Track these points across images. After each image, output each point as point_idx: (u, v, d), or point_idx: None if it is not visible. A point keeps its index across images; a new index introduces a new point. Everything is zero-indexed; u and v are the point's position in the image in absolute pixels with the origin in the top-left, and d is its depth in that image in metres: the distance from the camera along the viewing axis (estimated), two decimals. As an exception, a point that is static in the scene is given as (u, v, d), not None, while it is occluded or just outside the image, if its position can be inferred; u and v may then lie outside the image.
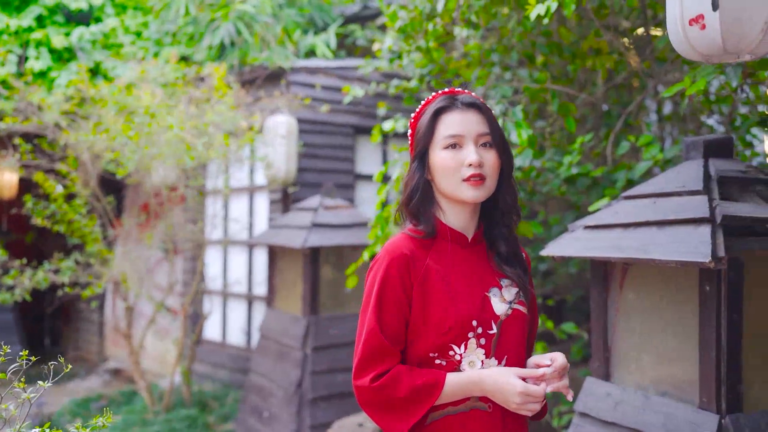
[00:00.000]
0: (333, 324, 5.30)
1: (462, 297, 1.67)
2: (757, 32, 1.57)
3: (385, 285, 1.66)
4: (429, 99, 1.78)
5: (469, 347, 1.65)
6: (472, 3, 3.86)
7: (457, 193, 1.69)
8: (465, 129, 1.68)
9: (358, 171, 6.77)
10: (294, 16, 7.09)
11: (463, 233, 1.76)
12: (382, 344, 1.64)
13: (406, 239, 1.73)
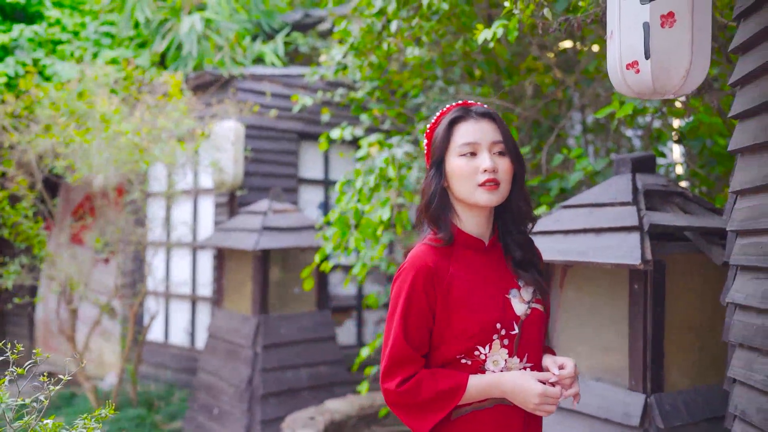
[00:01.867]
0: (282, 323, 5.52)
1: (485, 302, 1.74)
2: (680, 78, 1.91)
3: (411, 297, 1.72)
4: (444, 111, 1.85)
5: (494, 348, 1.72)
6: (423, 24, 4.16)
7: (473, 198, 1.75)
8: (479, 137, 1.75)
9: (301, 175, 6.99)
10: (244, 23, 7.25)
11: (480, 239, 1.82)
12: (407, 352, 1.71)
13: (429, 250, 1.77)
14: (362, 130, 5.42)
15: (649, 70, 1.91)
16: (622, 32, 1.96)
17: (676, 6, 1.88)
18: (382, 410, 5.11)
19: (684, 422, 2.56)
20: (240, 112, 6.03)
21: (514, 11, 2.88)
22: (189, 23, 6.58)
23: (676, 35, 1.89)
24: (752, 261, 2.07)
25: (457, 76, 4.97)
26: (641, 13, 1.91)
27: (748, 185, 2.11)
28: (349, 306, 7.18)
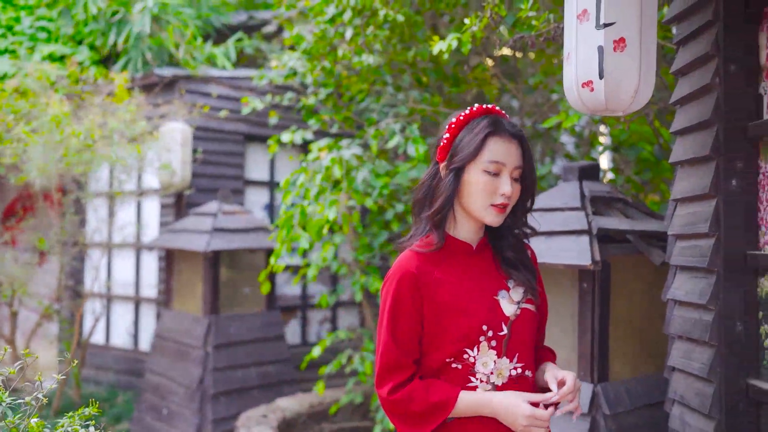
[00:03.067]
0: (232, 323, 5.58)
1: (471, 306, 1.74)
2: (629, 97, 2.12)
3: (397, 303, 1.74)
4: (469, 113, 1.79)
5: (482, 350, 1.72)
6: (378, 33, 4.31)
7: (481, 215, 1.75)
8: (507, 159, 1.73)
9: (247, 177, 7.05)
10: (194, 19, 7.24)
11: (469, 243, 1.83)
12: (396, 358, 1.73)
13: (413, 256, 1.78)
14: (311, 134, 5.54)
15: (603, 89, 2.10)
16: (578, 54, 2.16)
17: (626, 32, 2.08)
18: (332, 407, 5.25)
19: (627, 408, 2.80)
20: (189, 113, 6.05)
21: (473, 28, 3.06)
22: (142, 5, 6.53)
23: (627, 58, 2.09)
24: (690, 262, 2.31)
25: (407, 83, 5.15)
26: (596, 38, 2.10)
27: (687, 194, 2.35)
28: (294, 306, 7.27)
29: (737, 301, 2.15)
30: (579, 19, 2.10)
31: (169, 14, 6.81)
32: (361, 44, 4.43)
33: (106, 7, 6.87)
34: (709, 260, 2.18)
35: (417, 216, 1.84)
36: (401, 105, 4.84)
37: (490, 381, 1.74)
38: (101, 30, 7.04)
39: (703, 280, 2.26)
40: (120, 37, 6.95)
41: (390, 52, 4.91)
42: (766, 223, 2.11)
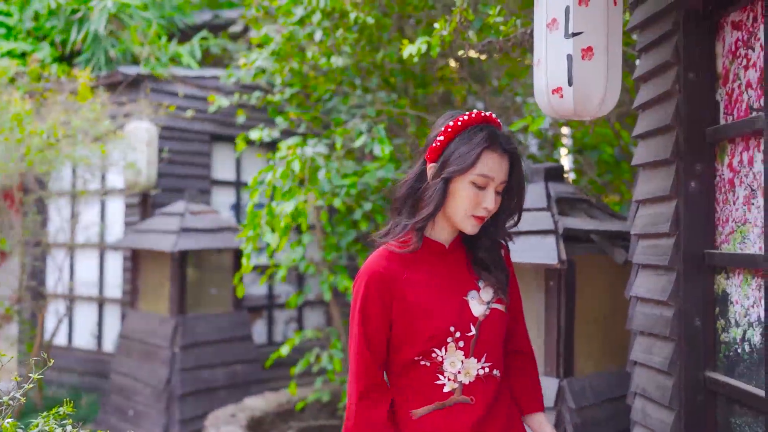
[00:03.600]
0: (199, 323, 5.58)
1: (440, 306, 1.75)
2: (597, 103, 2.22)
3: (366, 303, 1.74)
4: (468, 119, 1.76)
5: (449, 350, 1.73)
6: (347, 35, 4.36)
7: (460, 223, 1.76)
8: (496, 175, 1.73)
9: (214, 177, 7.03)
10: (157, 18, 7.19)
11: (443, 243, 1.83)
12: (368, 365, 1.75)
13: (385, 255, 1.78)
14: (278, 133, 5.56)
15: (572, 96, 2.19)
16: (548, 61, 2.24)
17: (594, 41, 2.17)
18: (299, 404, 5.28)
19: (591, 402, 2.91)
20: (156, 112, 6.02)
21: (443, 32, 3.14)
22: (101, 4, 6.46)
23: (594, 66, 2.18)
24: (652, 260, 2.42)
25: (374, 85, 5.21)
26: (565, 46, 2.19)
27: (649, 196, 2.46)
28: (261, 306, 7.28)
29: (696, 298, 2.25)
30: (549, 28, 2.18)
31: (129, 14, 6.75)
32: (330, 46, 4.48)
33: (66, 4, 6.78)
34: (670, 259, 2.28)
35: (396, 212, 1.83)
36: (369, 106, 4.90)
37: (458, 380, 1.75)
38: (61, 28, 6.95)
39: (663, 277, 2.36)
40: (79, 34, 6.87)
41: (358, 54, 4.97)
42: (722, 224, 2.22)
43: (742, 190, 2.12)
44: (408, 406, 1.77)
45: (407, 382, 1.78)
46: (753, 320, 2.04)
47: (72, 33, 6.87)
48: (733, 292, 2.15)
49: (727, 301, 2.18)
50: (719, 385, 2.16)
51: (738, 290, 2.13)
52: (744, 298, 2.09)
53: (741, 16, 2.13)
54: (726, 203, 2.21)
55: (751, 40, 2.08)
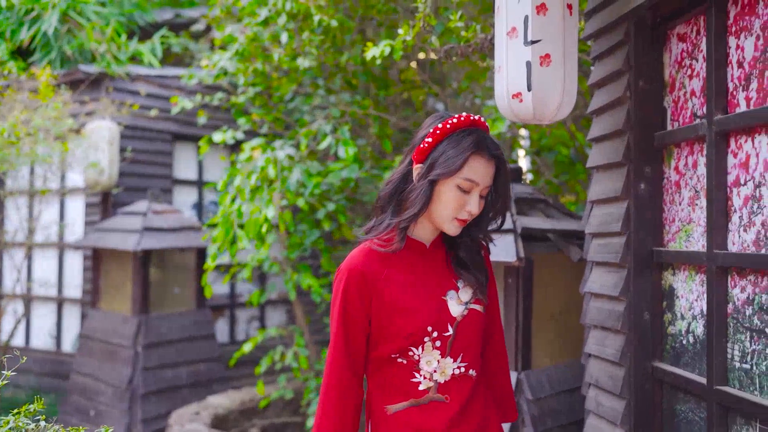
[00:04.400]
0: (162, 322, 5.58)
1: (418, 305, 1.76)
2: (554, 108, 2.34)
3: (345, 299, 1.76)
4: (457, 122, 1.76)
5: (426, 349, 1.75)
6: (313, 38, 4.44)
7: (443, 225, 1.77)
8: (482, 179, 1.73)
9: (176, 176, 7.02)
10: (116, 16, 7.14)
11: (423, 242, 1.84)
12: (342, 368, 1.77)
13: (366, 252, 1.79)
14: (242, 134, 5.60)
15: (531, 101, 2.30)
16: (508, 68, 2.35)
17: (551, 49, 2.29)
18: (262, 402, 5.33)
19: (547, 393, 3.04)
20: (118, 111, 6.00)
21: (406, 37, 3.24)
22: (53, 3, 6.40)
23: (552, 73, 2.30)
24: (605, 258, 2.55)
25: (337, 86, 5.29)
26: (524, 53, 2.30)
27: (602, 196, 2.59)
28: (223, 305, 7.29)
29: (645, 293, 2.39)
30: (509, 36, 2.29)
31: (79, 12, 6.69)
32: (295, 48, 4.54)
33: (20, 3, 6.70)
34: (621, 256, 2.42)
35: (380, 210, 1.83)
36: (332, 107, 4.98)
37: (433, 378, 1.76)
38: (14, 27, 6.86)
39: (615, 274, 2.50)
40: (29, 32, 6.78)
41: (322, 56, 5.05)
42: (669, 223, 2.37)
43: (687, 192, 2.26)
44: (383, 401, 1.80)
45: (383, 378, 1.80)
46: (696, 313, 2.18)
47: (22, 31, 6.78)
48: (679, 287, 2.29)
49: (674, 296, 2.32)
50: (666, 374, 2.30)
51: (683, 285, 2.27)
52: (689, 293, 2.23)
53: (686, 28, 2.27)
54: (672, 204, 2.35)
55: (694, 51, 2.22)
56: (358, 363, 1.80)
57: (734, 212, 2.00)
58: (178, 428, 4.59)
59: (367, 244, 1.81)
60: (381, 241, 1.80)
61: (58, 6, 6.52)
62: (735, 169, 2.00)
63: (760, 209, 1.89)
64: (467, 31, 3.19)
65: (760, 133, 1.89)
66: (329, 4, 4.27)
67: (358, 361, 1.80)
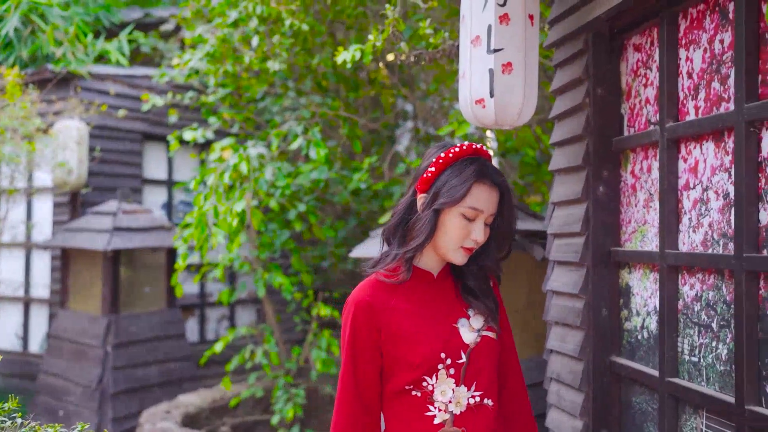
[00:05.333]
0: (132, 322, 5.60)
1: (429, 333, 1.73)
2: (515, 114, 2.44)
3: (354, 332, 1.74)
4: (459, 151, 1.77)
5: (440, 378, 1.70)
6: (284, 41, 4.50)
7: (449, 254, 1.76)
8: (486, 207, 1.74)
9: (145, 176, 7.02)
10: (82, 15, 7.10)
11: (431, 271, 1.83)
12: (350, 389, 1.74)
13: (373, 284, 1.78)
14: (212, 133, 5.63)
15: (493, 106, 2.40)
16: (472, 75, 2.45)
17: (513, 57, 2.39)
18: (233, 400, 5.38)
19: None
20: (87, 111, 5.99)
21: (376, 43, 3.32)
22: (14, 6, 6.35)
23: (513, 80, 2.40)
24: (566, 257, 2.67)
25: (308, 88, 5.36)
26: (487, 61, 2.40)
27: (563, 198, 2.70)
28: (193, 304, 7.30)
29: (603, 291, 2.51)
30: (473, 44, 2.39)
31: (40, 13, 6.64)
32: (266, 51, 4.60)
33: None
34: (581, 256, 2.53)
35: (386, 242, 1.84)
36: (303, 108, 5.05)
37: (449, 410, 1.71)
38: None
39: (575, 273, 2.61)
40: None
41: (293, 58, 5.11)
42: (626, 224, 2.48)
43: (642, 195, 2.38)
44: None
45: (397, 414, 1.76)
46: (650, 310, 2.30)
47: None
48: (635, 285, 2.41)
49: (630, 293, 2.44)
50: (623, 368, 2.42)
51: (639, 283, 2.39)
52: (643, 290, 2.35)
53: (641, 39, 2.39)
54: (629, 206, 2.47)
55: (649, 61, 2.34)
56: (368, 397, 1.76)
57: (684, 214, 2.12)
58: (149, 427, 4.62)
59: (374, 276, 1.80)
60: (388, 272, 1.79)
61: (19, 7, 6.46)
62: (685, 173, 2.12)
63: (707, 212, 2.01)
64: (435, 37, 3.28)
65: (708, 140, 2.01)
66: (300, 8, 4.33)
67: (368, 395, 1.76)
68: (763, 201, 1.77)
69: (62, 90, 6.41)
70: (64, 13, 6.80)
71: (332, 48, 4.90)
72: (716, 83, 1.98)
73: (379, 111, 5.91)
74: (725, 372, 1.91)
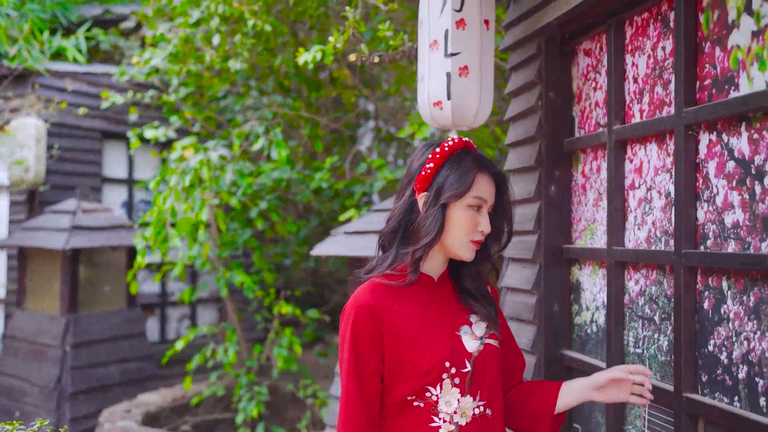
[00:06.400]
0: (92, 321, 5.56)
1: (433, 340, 1.67)
2: (471, 116, 2.52)
3: (355, 339, 1.66)
4: (453, 145, 1.76)
5: (445, 387, 1.65)
6: (245, 41, 4.52)
7: (460, 250, 1.73)
8: (489, 197, 1.73)
9: (105, 174, 6.96)
10: (38, 12, 7.00)
11: (431, 276, 1.78)
12: (358, 419, 1.66)
13: (373, 288, 1.71)
14: (173, 132, 5.63)
15: (450, 108, 2.48)
16: (430, 78, 2.52)
17: (469, 61, 2.47)
18: (194, 399, 5.38)
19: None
20: (45, 109, 5.92)
21: (338, 45, 3.38)
22: None
23: (470, 83, 2.48)
24: (520, 254, 2.76)
25: (270, 87, 5.39)
26: (445, 65, 2.47)
27: (517, 197, 2.79)
28: (153, 303, 7.26)
29: (555, 287, 2.60)
30: (431, 48, 2.46)
31: None
32: (227, 50, 4.62)
33: None
34: (534, 253, 2.62)
35: (386, 247, 1.78)
36: (264, 108, 5.08)
37: (454, 421, 1.65)
38: None
39: (529, 270, 2.70)
40: None
41: (255, 58, 5.13)
42: (576, 222, 2.58)
43: (591, 194, 2.48)
44: None
45: (398, 427, 1.68)
46: (599, 304, 2.40)
47: None
48: (585, 281, 2.51)
49: (580, 289, 2.54)
50: (573, 360, 2.51)
51: (588, 279, 2.49)
52: (593, 286, 2.45)
53: (591, 45, 2.49)
54: (579, 205, 2.57)
55: (598, 66, 2.44)
56: (373, 408, 1.68)
57: (630, 213, 2.22)
58: (108, 426, 4.60)
59: (373, 280, 1.73)
60: (392, 275, 1.73)
61: None
62: (631, 173, 2.22)
63: (650, 210, 2.11)
64: (395, 39, 3.35)
65: (651, 141, 2.11)
66: (262, 8, 4.37)
67: (373, 406, 1.68)
68: (701, 200, 1.87)
69: (19, 87, 6.33)
70: (18, 10, 6.69)
71: (294, 48, 4.94)
72: (659, 88, 2.08)
73: (341, 111, 5.97)
74: (666, 362, 2.01)
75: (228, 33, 4.68)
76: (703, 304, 1.86)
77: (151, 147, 7.06)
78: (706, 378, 1.82)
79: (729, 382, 1.74)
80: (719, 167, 1.81)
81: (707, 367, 1.82)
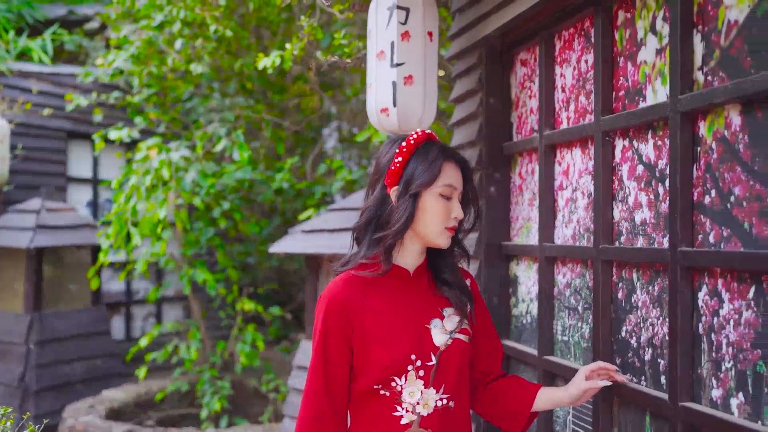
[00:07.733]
0: (56, 319, 5.63)
1: (401, 333, 1.72)
2: (416, 122, 2.69)
3: (326, 329, 1.72)
4: (417, 138, 1.79)
5: (409, 379, 1.70)
6: (206, 45, 4.65)
7: (436, 239, 1.77)
8: (457, 183, 1.77)
9: (70, 174, 7.01)
10: (3, 12, 7.03)
11: (407, 268, 1.81)
12: (321, 409, 1.72)
13: (347, 280, 1.76)
14: (138, 133, 5.72)
15: (396, 115, 2.65)
16: (377, 86, 2.69)
17: (414, 70, 2.64)
18: (158, 395, 5.48)
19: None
20: (10, 109, 5.97)
21: (294, 52, 3.53)
22: None
23: (414, 91, 2.65)
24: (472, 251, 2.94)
25: (233, 90, 5.51)
26: (391, 74, 2.64)
27: (461, 197, 2.97)
28: (119, 302, 7.33)
29: (495, 281, 2.78)
30: (378, 58, 2.63)
31: None
32: (190, 53, 4.74)
33: None
34: (475, 250, 2.80)
35: (360, 240, 1.82)
36: (227, 110, 5.21)
37: (416, 411, 1.71)
38: None
39: (472, 265, 2.88)
40: None
41: (218, 61, 5.25)
42: (514, 221, 2.77)
43: (527, 194, 2.67)
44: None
45: (364, 413, 1.75)
46: (533, 297, 2.59)
47: None
48: (521, 275, 2.70)
49: (517, 283, 2.73)
50: (510, 349, 2.70)
51: (524, 273, 2.67)
52: (528, 279, 2.64)
53: (527, 55, 2.68)
54: (517, 204, 2.75)
55: (533, 75, 2.63)
56: (336, 395, 1.74)
57: (559, 212, 2.41)
58: (71, 422, 4.69)
59: (348, 272, 1.79)
60: (365, 265, 1.77)
61: None
62: (560, 175, 2.41)
63: (576, 209, 2.30)
64: (349, 47, 3.51)
65: (576, 146, 2.31)
66: (224, 14, 4.50)
67: (336, 392, 1.74)
68: (616, 200, 2.07)
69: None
70: None
71: (257, 51, 5.07)
72: (582, 97, 2.28)
73: (303, 114, 6.11)
74: (587, 348, 2.20)
75: (190, 37, 4.80)
76: (617, 294, 2.05)
77: (116, 147, 7.13)
78: (620, 361, 2.02)
79: (638, 364, 1.94)
80: (631, 170, 2.00)
81: (621, 351, 2.02)
